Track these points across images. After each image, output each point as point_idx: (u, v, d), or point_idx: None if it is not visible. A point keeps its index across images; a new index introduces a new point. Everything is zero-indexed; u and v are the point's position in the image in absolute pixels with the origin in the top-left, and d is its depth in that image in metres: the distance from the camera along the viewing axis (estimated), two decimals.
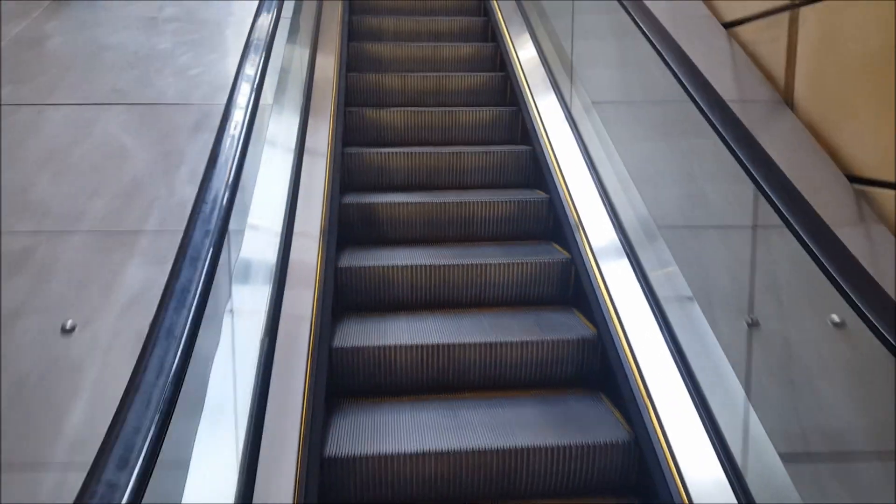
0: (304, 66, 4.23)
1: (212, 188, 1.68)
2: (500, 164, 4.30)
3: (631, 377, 2.71)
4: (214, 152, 1.84)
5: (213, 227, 1.58)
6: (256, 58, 2.31)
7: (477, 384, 3.03)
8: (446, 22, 5.96)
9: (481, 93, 5.02)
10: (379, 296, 3.44)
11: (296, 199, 3.32)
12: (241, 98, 2.10)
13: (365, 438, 2.65)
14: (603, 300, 3.09)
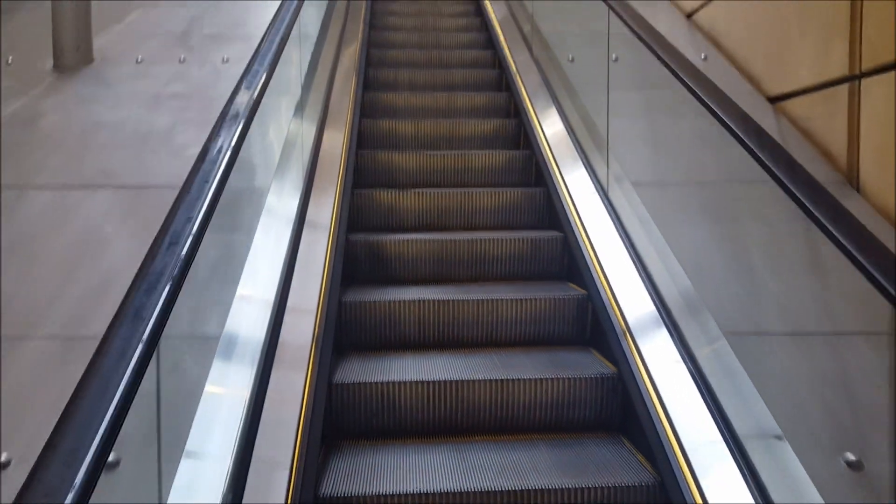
0: (308, 148, 3.88)
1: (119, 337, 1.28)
2: (528, 252, 3.86)
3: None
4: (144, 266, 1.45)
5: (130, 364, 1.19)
6: (221, 141, 1.92)
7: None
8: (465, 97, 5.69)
9: (505, 171, 4.63)
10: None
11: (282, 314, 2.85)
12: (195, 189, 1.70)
13: (364, 479, 2.42)
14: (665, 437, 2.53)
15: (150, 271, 1.41)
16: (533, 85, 5.27)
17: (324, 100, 4.61)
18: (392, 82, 6.01)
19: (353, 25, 6.37)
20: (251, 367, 2.32)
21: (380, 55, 6.41)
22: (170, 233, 1.51)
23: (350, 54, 5.78)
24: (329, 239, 3.35)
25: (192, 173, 1.76)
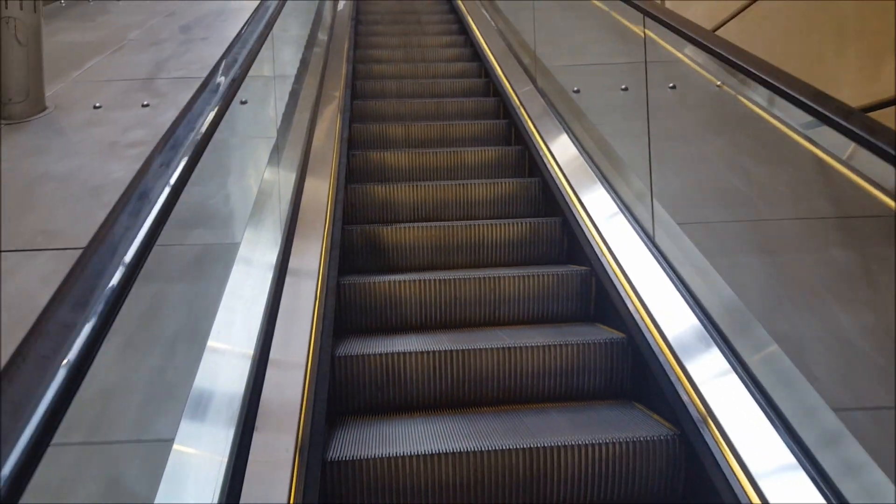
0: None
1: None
2: (548, 291, 3.29)
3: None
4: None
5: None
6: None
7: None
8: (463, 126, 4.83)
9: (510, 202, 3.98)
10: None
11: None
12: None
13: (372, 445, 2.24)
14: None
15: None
16: (537, 111, 4.81)
17: (305, 143, 4.14)
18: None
19: (336, 63, 5.91)
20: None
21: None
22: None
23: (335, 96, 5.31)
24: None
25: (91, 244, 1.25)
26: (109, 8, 6.81)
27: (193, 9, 6.69)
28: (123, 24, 6.13)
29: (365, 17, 7.50)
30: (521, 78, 5.17)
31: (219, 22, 6.14)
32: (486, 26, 6.39)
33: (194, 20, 6.21)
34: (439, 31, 6.93)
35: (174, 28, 5.98)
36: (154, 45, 5.43)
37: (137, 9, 6.74)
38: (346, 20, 6.40)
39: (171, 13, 6.59)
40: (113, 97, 4.28)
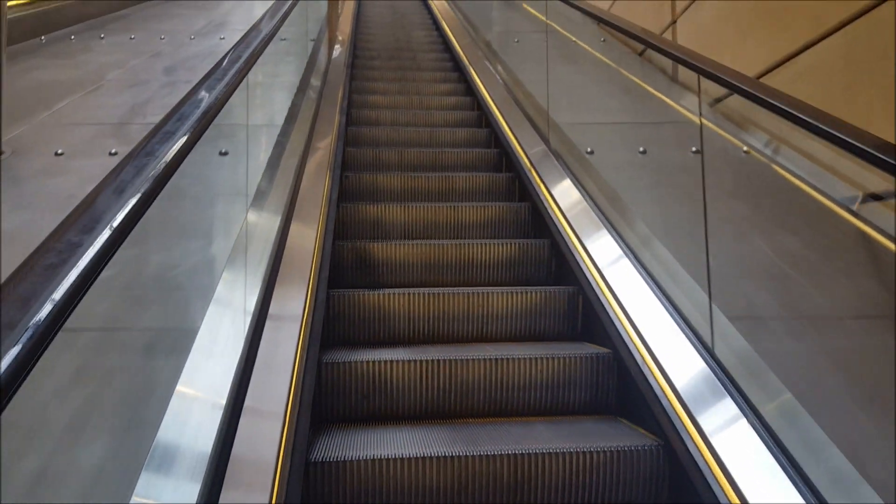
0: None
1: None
2: (536, 308, 3.01)
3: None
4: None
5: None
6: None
7: None
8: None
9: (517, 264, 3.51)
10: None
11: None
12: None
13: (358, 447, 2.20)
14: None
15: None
16: (548, 169, 4.41)
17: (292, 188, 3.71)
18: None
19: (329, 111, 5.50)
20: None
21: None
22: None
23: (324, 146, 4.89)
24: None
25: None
26: (92, 46, 6.46)
27: (180, 50, 6.35)
28: (103, 64, 5.76)
29: (362, 53, 7.23)
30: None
31: (205, 64, 5.77)
32: (488, 73, 6.06)
33: (179, 62, 5.86)
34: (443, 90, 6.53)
35: (157, 69, 5.62)
36: (133, 87, 5.05)
37: (121, 48, 6.40)
38: (342, 67, 6.06)
39: (157, 53, 6.24)
40: (79, 143, 3.88)
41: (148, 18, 7.99)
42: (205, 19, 7.93)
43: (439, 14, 9.42)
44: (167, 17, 8.05)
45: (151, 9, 8.66)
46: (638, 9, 5.85)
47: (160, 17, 8.09)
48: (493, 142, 4.94)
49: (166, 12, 8.43)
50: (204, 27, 7.48)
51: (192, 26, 7.55)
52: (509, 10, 7.44)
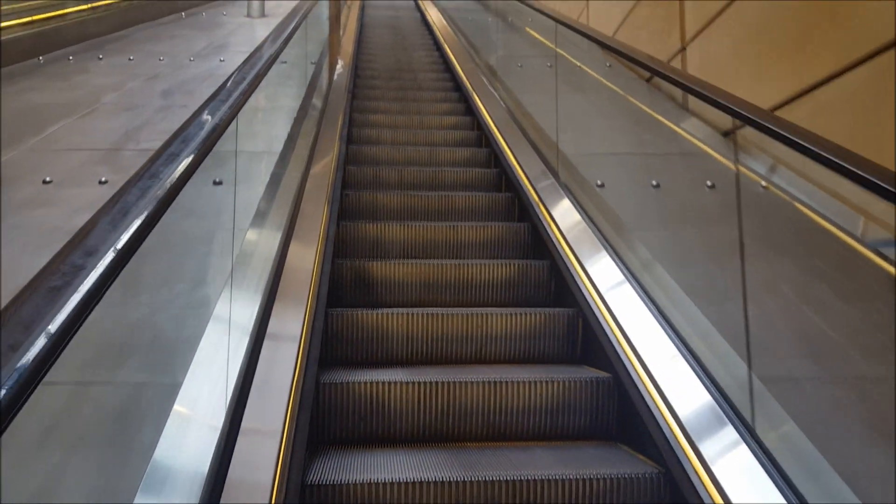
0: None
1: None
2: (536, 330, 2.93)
3: None
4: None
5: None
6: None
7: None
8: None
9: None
10: None
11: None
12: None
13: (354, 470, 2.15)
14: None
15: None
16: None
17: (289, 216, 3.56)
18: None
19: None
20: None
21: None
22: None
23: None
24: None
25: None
26: (89, 67, 6.35)
27: (179, 72, 6.23)
28: (100, 86, 5.64)
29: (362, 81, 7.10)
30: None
31: (204, 87, 5.65)
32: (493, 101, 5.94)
33: (177, 84, 5.74)
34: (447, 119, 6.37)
35: (154, 92, 5.49)
36: (128, 111, 4.93)
37: (119, 70, 6.28)
38: (343, 91, 5.94)
39: (155, 76, 6.13)
40: (69, 170, 3.73)
41: (147, 39, 7.90)
42: (205, 41, 7.83)
43: (441, 36, 9.35)
44: (167, 39, 7.95)
45: (151, 29, 8.56)
46: (644, 34, 5.73)
47: (160, 38, 7.99)
48: (494, 162, 4.86)
49: (166, 33, 8.34)
50: (204, 49, 7.38)
51: (192, 48, 7.45)
52: (511, 32, 7.36)
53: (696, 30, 4.75)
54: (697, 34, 4.73)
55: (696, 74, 4.83)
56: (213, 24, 9.17)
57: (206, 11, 10.25)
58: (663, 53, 5.28)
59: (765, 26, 3.81)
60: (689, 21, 4.91)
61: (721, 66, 4.43)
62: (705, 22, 4.61)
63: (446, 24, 9.91)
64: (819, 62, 3.39)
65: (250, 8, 10.03)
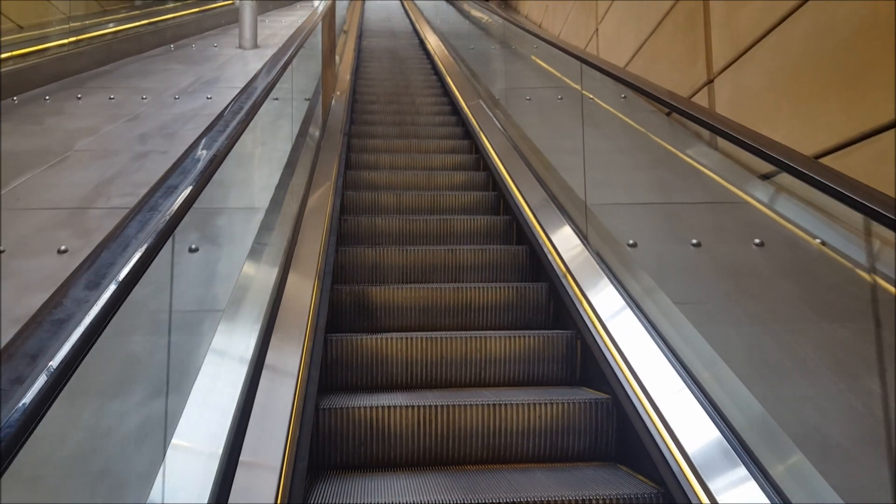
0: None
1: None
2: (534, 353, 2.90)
3: None
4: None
5: None
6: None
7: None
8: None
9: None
10: None
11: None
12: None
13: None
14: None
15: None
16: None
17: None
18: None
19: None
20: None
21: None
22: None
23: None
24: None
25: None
26: (66, 108, 5.92)
27: (162, 113, 5.79)
28: (75, 130, 5.20)
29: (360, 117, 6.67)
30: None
31: (187, 130, 5.22)
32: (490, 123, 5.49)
33: (158, 127, 5.30)
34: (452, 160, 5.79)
35: (132, 136, 5.05)
36: (102, 159, 4.48)
37: (98, 110, 5.85)
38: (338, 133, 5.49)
39: (135, 116, 5.69)
40: (25, 235, 3.26)
41: (132, 75, 7.48)
42: (193, 75, 7.41)
43: (443, 68, 8.96)
44: (153, 73, 7.54)
45: (137, 63, 8.15)
46: (663, 65, 5.30)
47: (145, 73, 7.58)
48: (518, 238, 4.36)
49: (153, 67, 7.93)
50: (191, 84, 6.96)
51: (179, 83, 7.03)
52: (518, 60, 6.93)
53: (725, 60, 4.31)
54: (728, 65, 4.29)
55: (726, 110, 4.40)
56: (202, 56, 8.76)
57: (196, 43, 9.85)
58: (686, 86, 4.85)
59: (811, 59, 3.35)
60: (718, 51, 4.47)
61: (756, 102, 3.97)
62: (737, 52, 4.16)
63: (448, 54, 9.54)
64: (882, 102, 2.93)
65: (242, 39, 9.63)
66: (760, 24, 3.89)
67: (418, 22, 13.71)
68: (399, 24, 15.72)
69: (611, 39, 7.14)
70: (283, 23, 12.71)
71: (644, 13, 5.88)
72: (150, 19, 10.10)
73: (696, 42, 4.86)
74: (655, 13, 5.60)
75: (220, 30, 11.40)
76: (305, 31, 4.53)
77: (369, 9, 17.83)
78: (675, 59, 5.16)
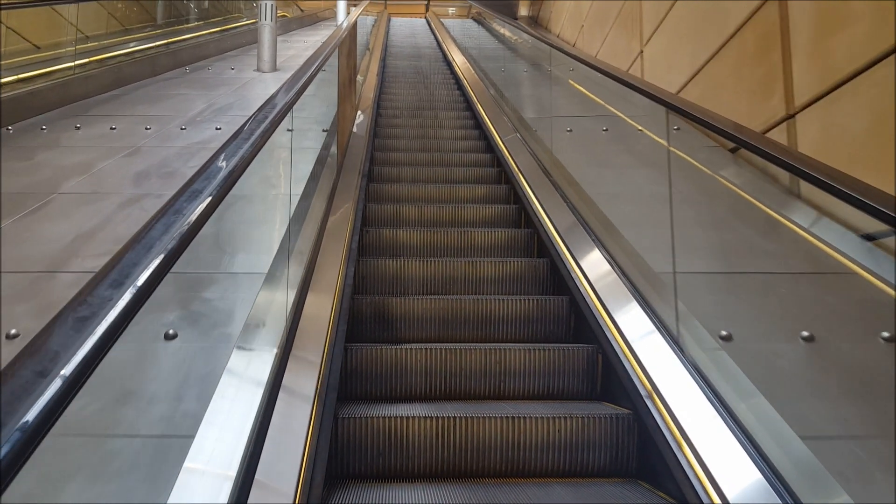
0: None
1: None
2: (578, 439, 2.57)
3: None
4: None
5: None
6: None
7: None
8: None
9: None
10: None
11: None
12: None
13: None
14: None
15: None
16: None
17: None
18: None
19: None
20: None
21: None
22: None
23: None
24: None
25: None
26: (62, 140, 5.40)
27: (165, 146, 5.25)
28: (66, 167, 4.68)
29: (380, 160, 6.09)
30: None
31: (188, 167, 4.67)
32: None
33: (158, 164, 4.75)
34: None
35: (127, 175, 4.51)
36: (87, 205, 3.94)
37: (95, 143, 5.33)
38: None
39: (135, 150, 5.15)
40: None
41: (139, 100, 6.98)
42: (204, 101, 6.89)
43: (473, 94, 8.40)
44: (162, 99, 7.04)
45: (147, 88, 7.67)
46: (726, 94, 4.67)
47: (154, 98, 7.08)
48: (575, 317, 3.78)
49: (164, 92, 7.44)
50: (201, 112, 6.44)
51: (188, 110, 6.51)
52: (556, 85, 6.31)
53: (812, 94, 3.65)
54: (815, 100, 3.63)
55: (812, 152, 3.72)
56: (218, 80, 8.26)
57: (212, 65, 9.38)
58: (758, 120, 4.20)
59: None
60: (801, 82, 3.81)
61: (855, 146, 3.31)
62: (828, 85, 3.51)
63: (476, 77, 8.98)
64: None
65: (260, 61, 9.13)
66: (863, 54, 3.23)
67: (445, 41, 13.19)
68: (423, 39, 15.22)
69: (658, 64, 6.50)
70: (308, 42, 12.26)
71: (701, 37, 5.24)
72: (166, 40, 9.66)
73: (770, 71, 4.20)
74: (715, 37, 4.95)
75: (240, 50, 10.95)
76: (320, 60, 3.95)
77: (394, 25, 17.39)
78: (742, 89, 4.51)
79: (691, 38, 5.44)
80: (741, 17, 4.61)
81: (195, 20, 11.82)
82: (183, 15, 11.69)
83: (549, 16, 14.37)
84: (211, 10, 12.80)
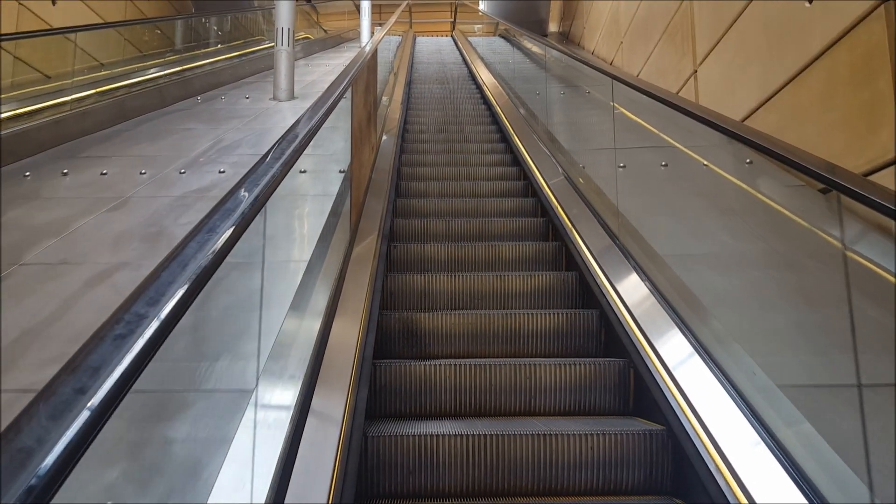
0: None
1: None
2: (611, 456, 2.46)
3: None
4: None
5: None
6: None
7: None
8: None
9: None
10: None
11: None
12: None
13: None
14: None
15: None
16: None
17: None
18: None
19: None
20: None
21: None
22: None
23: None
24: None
25: None
26: (43, 190, 4.77)
27: (158, 195, 4.61)
28: (38, 227, 4.04)
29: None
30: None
31: (180, 225, 4.02)
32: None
33: (144, 220, 4.10)
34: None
35: (106, 238, 3.85)
36: (50, 281, 3.28)
37: (79, 193, 4.70)
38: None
39: (123, 203, 4.51)
40: None
41: (141, 137, 6.39)
42: (211, 139, 6.27)
43: (505, 119, 7.70)
44: (166, 136, 6.44)
45: (152, 122, 7.09)
46: (810, 126, 3.92)
47: (157, 134, 6.48)
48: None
49: (169, 127, 6.85)
50: (205, 151, 5.81)
51: (192, 149, 5.90)
52: (602, 112, 5.56)
53: None
54: None
55: None
56: (230, 111, 7.66)
57: (226, 94, 8.80)
58: (859, 159, 3.49)
59: None
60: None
61: None
62: None
63: (511, 104, 8.28)
64: None
65: (277, 89, 8.52)
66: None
67: (473, 63, 12.52)
68: (449, 55, 14.55)
69: (717, 86, 5.74)
70: (330, 66, 11.68)
71: (774, 57, 4.49)
72: (174, 69, 9.12)
73: (873, 101, 3.48)
74: (795, 57, 4.21)
75: (257, 76, 10.40)
76: (328, 105, 3.24)
77: (420, 44, 16.80)
78: (831, 121, 3.79)
79: (761, 61, 4.67)
80: (830, 36, 3.87)
81: (214, 44, 11.31)
82: (203, 38, 11.18)
83: (582, 32, 13.65)
84: (233, 31, 12.30)
